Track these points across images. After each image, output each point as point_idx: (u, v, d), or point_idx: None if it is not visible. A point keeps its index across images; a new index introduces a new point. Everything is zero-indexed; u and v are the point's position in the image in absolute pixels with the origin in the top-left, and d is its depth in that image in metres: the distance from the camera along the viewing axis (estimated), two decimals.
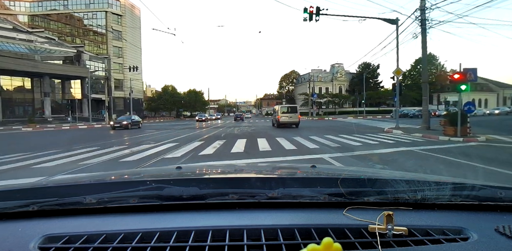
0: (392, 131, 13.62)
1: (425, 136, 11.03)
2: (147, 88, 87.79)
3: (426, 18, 13.39)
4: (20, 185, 1.01)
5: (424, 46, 13.56)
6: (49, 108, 34.51)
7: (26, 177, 4.63)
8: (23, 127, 25.08)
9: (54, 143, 11.44)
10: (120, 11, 45.40)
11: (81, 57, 39.83)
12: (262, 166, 2.11)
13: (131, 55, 47.58)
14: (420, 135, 11.39)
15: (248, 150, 7.86)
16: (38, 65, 32.76)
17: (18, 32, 36.34)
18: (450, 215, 0.75)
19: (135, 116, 24.75)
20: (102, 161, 6.32)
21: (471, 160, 5.93)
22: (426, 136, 11.05)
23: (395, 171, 2.72)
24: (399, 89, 14.89)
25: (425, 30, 13.40)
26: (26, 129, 23.76)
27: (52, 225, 0.70)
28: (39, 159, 6.69)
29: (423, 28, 13.43)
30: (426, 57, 13.64)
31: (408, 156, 6.59)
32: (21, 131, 21.56)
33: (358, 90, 61.03)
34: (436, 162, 5.82)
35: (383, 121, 26.47)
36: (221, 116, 56.32)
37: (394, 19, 14.69)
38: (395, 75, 14.84)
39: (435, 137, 10.54)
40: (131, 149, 8.14)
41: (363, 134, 12.34)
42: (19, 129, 23.63)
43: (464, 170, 4.99)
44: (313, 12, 13.20)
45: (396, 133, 12.97)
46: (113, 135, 14.93)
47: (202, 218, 0.73)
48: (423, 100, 13.96)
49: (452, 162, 5.74)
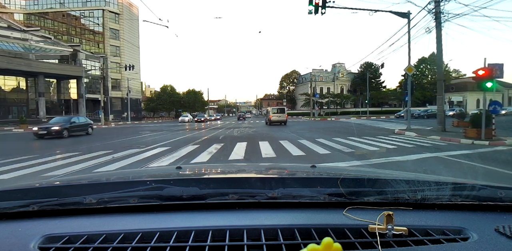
0: (404, 133, 12.58)
1: (444, 139, 9.98)
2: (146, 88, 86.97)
3: (441, 11, 12.38)
4: (20, 185, 1.03)
5: (439, 41, 12.51)
6: (43, 108, 33.51)
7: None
8: (14, 128, 24.10)
9: (34, 146, 10.42)
10: (117, 10, 44.37)
11: (77, 56, 38.80)
12: (262, 166, 2.08)
13: (129, 54, 46.55)
14: (438, 138, 10.34)
15: (249, 156, 6.82)
16: (32, 64, 31.77)
17: (13, 31, 35.36)
18: (450, 215, 0.75)
19: (80, 117, 17.57)
20: (72, 171, 5.26)
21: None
22: (445, 138, 10.00)
23: (395, 171, 2.59)
24: (411, 88, 13.85)
25: (440, 23, 12.36)
26: (18, 130, 22.76)
27: (52, 225, 0.70)
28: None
29: (438, 21, 12.39)
30: (441, 52, 12.58)
31: (440, 164, 5.54)
32: (12, 132, 20.53)
33: (360, 90, 60.12)
34: (484, 174, 4.75)
35: (388, 122, 25.38)
36: (220, 116, 55.21)
37: (405, 13, 13.66)
38: (406, 73, 13.81)
39: (456, 140, 9.50)
40: (113, 155, 7.09)
41: (374, 136, 11.32)
42: (10, 130, 22.62)
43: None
44: (319, 4, 12.17)
45: (410, 135, 11.93)
46: (101, 137, 13.88)
47: (202, 218, 0.73)
48: (438, 99, 12.90)
49: (501, 174, 4.69)
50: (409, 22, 13.67)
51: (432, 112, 33.20)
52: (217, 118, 47.09)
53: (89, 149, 8.40)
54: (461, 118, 15.49)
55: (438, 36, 12.57)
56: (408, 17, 13.64)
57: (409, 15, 13.64)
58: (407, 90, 14.13)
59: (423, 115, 31.22)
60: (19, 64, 30.11)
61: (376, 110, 50.39)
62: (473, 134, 9.59)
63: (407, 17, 13.66)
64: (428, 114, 32.65)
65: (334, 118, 35.06)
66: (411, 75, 13.92)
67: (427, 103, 50.19)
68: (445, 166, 5.37)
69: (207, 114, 48.26)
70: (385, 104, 58.57)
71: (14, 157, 6.94)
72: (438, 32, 12.56)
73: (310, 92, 47.27)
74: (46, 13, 44.52)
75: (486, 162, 5.65)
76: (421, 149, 7.54)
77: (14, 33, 35.38)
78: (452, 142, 9.42)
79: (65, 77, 36.14)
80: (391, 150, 7.48)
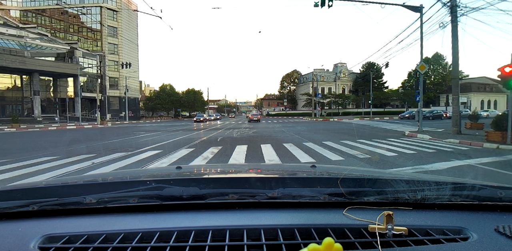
0: (416, 135, 11.68)
1: (464, 143, 9.08)
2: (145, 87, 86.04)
3: (457, 4, 11.49)
4: (20, 185, 1.03)
5: (455, 36, 11.62)
6: (38, 107, 32.63)
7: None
8: (7, 127, 23.20)
9: (15, 148, 9.52)
10: (115, 7, 43.43)
11: (74, 54, 37.90)
12: (262, 166, 2.04)
13: (127, 52, 45.60)
14: (456, 141, 9.44)
15: (251, 162, 5.93)
16: (27, 61, 30.90)
17: (8, 28, 34.46)
18: (450, 215, 0.74)
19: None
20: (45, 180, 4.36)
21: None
22: (465, 142, 9.10)
23: (394, 171, 2.40)
24: (423, 87, 12.96)
25: (456, 17, 11.47)
26: (10, 129, 21.88)
27: (52, 225, 0.70)
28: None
29: (453, 15, 11.51)
30: (457, 48, 11.68)
31: (480, 175, 4.64)
32: (3, 131, 19.62)
33: (362, 91, 59.15)
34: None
35: (393, 123, 24.49)
36: (220, 116, 54.33)
37: (417, 6, 12.78)
38: (418, 71, 12.93)
39: (477, 144, 8.60)
40: (94, 160, 6.18)
41: (385, 139, 10.43)
42: (2, 129, 21.72)
43: None
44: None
45: (423, 138, 11.03)
46: (90, 138, 12.97)
47: (202, 218, 0.72)
48: (453, 99, 12.02)
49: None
50: (421, 17, 12.78)
51: (437, 113, 32.29)
52: (217, 118, 46.21)
53: (69, 152, 7.50)
54: (474, 120, 14.58)
55: (454, 31, 11.68)
56: (421, 12, 12.76)
57: (422, 9, 12.76)
58: (418, 90, 13.25)
59: (429, 116, 30.25)
60: (13, 61, 29.22)
61: (379, 111, 49.45)
62: (497, 137, 8.70)
63: (420, 12, 12.78)
64: (434, 115, 31.75)
65: (337, 119, 34.06)
66: (423, 73, 13.03)
67: (430, 104, 49.34)
68: (488, 178, 4.46)
69: (207, 114, 47.36)
70: (388, 105, 57.68)
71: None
72: (454, 27, 11.67)
73: (312, 92, 46.37)
74: (43, 10, 43.60)
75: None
76: (445, 155, 6.63)
77: (9, 30, 34.48)
78: (474, 146, 8.52)
79: (61, 75, 35.22)
80: (411, 155, 6.57)
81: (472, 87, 47.29)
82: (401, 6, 12.64)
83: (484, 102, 49.23)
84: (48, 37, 38.32)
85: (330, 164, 5.49)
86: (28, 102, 34.07)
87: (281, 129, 17.97)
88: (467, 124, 14.59)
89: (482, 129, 12.91)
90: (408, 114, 32.35)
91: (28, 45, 34.53)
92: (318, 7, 11.73)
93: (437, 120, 27.89)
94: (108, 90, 41.71)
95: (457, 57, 11.67)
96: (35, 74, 32.16)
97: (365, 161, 5.85)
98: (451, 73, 13.07)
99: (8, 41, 33.43)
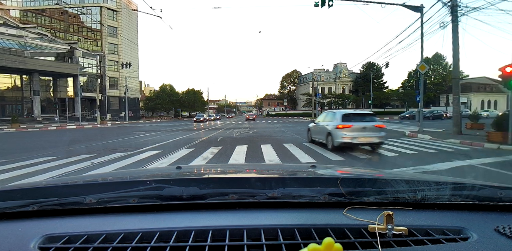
0: (417, 135, 11.66)
1: (465, 143, 9.05)
2: (145, 87, 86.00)
3: (457, 4, 11.46)
4: (20, 185, 1.03)
5: (455, 36, 11.59)
6: (38, 107, 32.60)
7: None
8: (7, 127, 23.17)
9: (15, 148, 9.50)
10: (115, 6, 43.40)
11: (74, 54, 37.88)
12: (262, 166, 2.04)
13: (127, 52, 45.57)
14: (457, 141, 9.41)
15: (251, 162, 5.90)
16: (27, 61, 30.86)
17: (8, 27, 34.43)
18: (450, 215, 0.74)
19: None
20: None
21: None
22: (466, 142, 9.07)
23: (394, 171, 2.36)
24: (423, 87, 12.93)
25: (457, 17, 11.45)
26: (9, 129, 21.85)
27: (52, 225, 0.69)
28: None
29: (454, 15, 11.48)
30: (457, 48, 11.66)
31: (480, 176, 4.62)
32: (3, 131, 19.60)
33: (362, 91, 59.12)
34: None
35: (394, 123, 24.44)
36: (220, 116, 54.31)
37: (418, 6, 12.75)
38: (419, 71, 12.90)
39: (478, 144, 8.58)
40: (93, 160, 6.15)
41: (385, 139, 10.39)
42: (2, 129, 21.70)
43: None
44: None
45: (424, 138, 11.01)
46: (90, 138, 12.95)
47: (202, 218, 0.72)
48: (453, 99, 12.00)
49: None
50: (422, 17, 12.75)
51: (437, 113, 32.25)
52: (217, 118, 46.18)
53: (69, 152, 7.48)
54: (474, 120, 14.55)
55: (454, 31, 11.66)
56: (421, 11, 12.72)
57: (422, 9, 12.73)
58: (419, 90, 13.22)
59: (429, 117, 30.19)
60: (13, 61, 29.18)
61: (379, 111, 49.35)
62: (498, 137, 8.67)
63: (420, 11, 12.74)
64: (434, 115, 31.71)
65: None
66: (423, 73, 13.01)
67: (430, 104, 49.30)
68: (489, 178, 4.44)
69: (207, 114, 47.32)
70: (388, 105, 57.63)
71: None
72: (454, 27, 11.65)
73: (312, 92, 46.34)
74: (43, 10, 43.56)
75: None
76: (446, 155, 6.61)
77: (9, 30, 34.45)
78: (475, 146, 8.50)
79: (61, 75, 35.20)
80: (412, 155, 6.55)
81: (472, 87, 47.26)
82: (401, 6, 12.61)
83: (484, 103, 49.21)
84: (48, 37, 38.29)
85: (330, 164, 5.47)
86: (28, 102, 34.04)
87: (281, 129, 17.95)
88: (467, 124, 14.56)
89: (483, 129, 12.89)
90: (408, 114, 32.33)
91: (28, 45, 34.52)
92: (318, 7, 11.72)
93: (437, 121, 27.83)
94: (108, 90, 41.68)
95: (458, 57, 11.66)
96: (35, 74, 32.13)
97: (365, 161, 5.82)
98: (452, 73, 13.06)
99: (8, 41, 33.41)
